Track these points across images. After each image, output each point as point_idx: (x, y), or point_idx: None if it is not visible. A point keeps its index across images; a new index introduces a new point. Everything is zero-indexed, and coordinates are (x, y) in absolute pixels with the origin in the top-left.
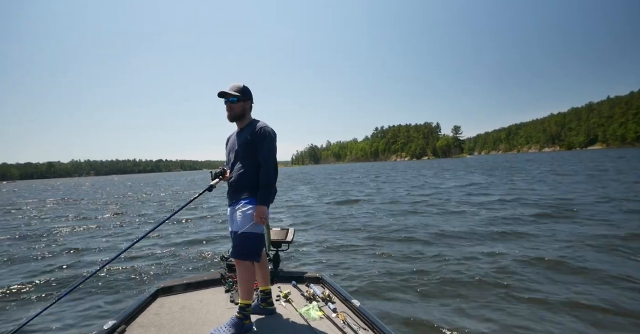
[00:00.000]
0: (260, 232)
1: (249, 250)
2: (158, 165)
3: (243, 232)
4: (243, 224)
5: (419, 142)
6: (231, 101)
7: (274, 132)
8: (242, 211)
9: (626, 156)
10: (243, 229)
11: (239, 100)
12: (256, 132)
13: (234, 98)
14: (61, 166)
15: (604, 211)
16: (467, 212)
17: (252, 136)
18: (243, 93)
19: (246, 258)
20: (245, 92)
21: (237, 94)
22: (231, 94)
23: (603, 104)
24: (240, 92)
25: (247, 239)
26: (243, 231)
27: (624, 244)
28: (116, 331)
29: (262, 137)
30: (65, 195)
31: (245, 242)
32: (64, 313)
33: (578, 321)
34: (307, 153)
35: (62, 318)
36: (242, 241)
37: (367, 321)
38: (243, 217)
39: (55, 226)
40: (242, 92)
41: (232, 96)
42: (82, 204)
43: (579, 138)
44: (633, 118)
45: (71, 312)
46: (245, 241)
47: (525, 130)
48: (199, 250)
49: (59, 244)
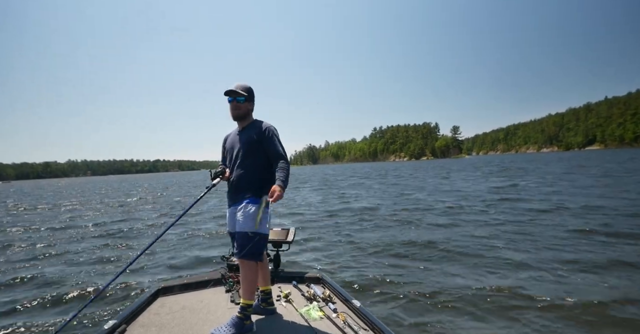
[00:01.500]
0: (263, 232)
1: (254, 250)
2: (155, 165)
3: (247, 233)
4: (247, 224)
5: (418, 142)
6: (238, 101)
7: (277, 130)
8: (245, 210)
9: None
10: (247, 230)
11: (245, 100)
12: (264, 132)
13: (241, 98)
14: (58, 166)
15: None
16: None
17: (259, 135)
18: (249, 93)
19: (251, 258)
20: (251, 92)
21: (245, 94)
22: (239, 94)
23: (601, 105)
24: (247, 92)
25: (251, 240)
26: (247, 231)
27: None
28: (117, 330)
29: (271, 136)
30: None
31: (250, 243)
32: (63, 312)
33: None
34: (305, 153)
35: (61, 316)
36: (247, 242)
37: (367, 322)
38: (246, 218)
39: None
40: (249, 93)
41: (240, 96)
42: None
43: (577, 138)
44: (631, 119)
45: (71, 312)
46: (249, 241)
47: (523, 130)
48: (199, 250)
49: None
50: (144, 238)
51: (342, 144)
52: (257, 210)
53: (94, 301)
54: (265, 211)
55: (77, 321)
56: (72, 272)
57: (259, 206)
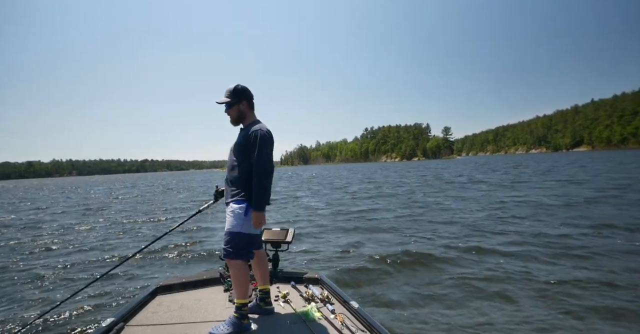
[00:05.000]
0: (247, 232)
1: (238, 249)
2: (144, 165)
3: (230, 232)
4: (230, 223)
5: (409, 143)
6: (227, 107)
7: (269, 134)
8: (231, 210)
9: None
10: (230, 229)
11: (232, 105)
12: (249, 136)
13: (227, 105)
14: (41, 165)
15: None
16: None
17: (246, 139)
18: (235, 96)
19: (235, 257)
20: (237, 93)
21: (227, 100)
22: (222, 102)
23: (588, 107)
24: (231, 96)
25: (234, 239)
26: (230, 231)
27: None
28: (115, 328)
29: (255, 141)
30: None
31: (233, 242)
32: (62, 311)
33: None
34: (296, 154)
35: (60, 315)
36: (230, 241)
37: (365, 323)
38: (231, 217)
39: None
40: (233, 96)
41: (224, 103)
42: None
43: (565, 140)
44: (618, 121)
45: (69, 310)
46: (232, 240)
47: (512, 132)
48: (198, 249)
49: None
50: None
51: (333, 144)
52: (243, 210)
53: (84, 296)
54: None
55: (76, 319)
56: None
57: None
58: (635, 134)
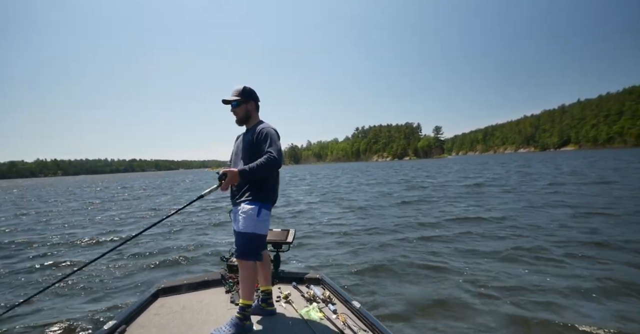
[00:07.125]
0: (260, 233)
1: (252, 250)
2: (131, 165)
3: (245, 233)
4: (244, 224)
5: (401, 142)
6: (233, 106)
7: (277, 132)
8: (243, 211)
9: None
10: (244, 230)
11: (240, 103)
12: (259, 134)
13: (235, 103)
14: (25, 165)
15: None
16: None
17: (255, 137)
18: (243, 95)
19: (249, 258)
20: (246, 93)
21: (237, 98)
22: (231, 100)
23: (574, 107)
24: (240, 95)
25: (248, 240)
26: (245, 232)
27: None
28: (117, 331)
29: (265, 137)
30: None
31: (247, 243)
32: (63, 313)
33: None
34: (287, 153)
35: (61, 317)
36: (244, 241)
37: (367, 323)
38: (244, 218)
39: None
40: (241, 95)
41: (233, 101)
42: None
43: (553, 139)
44: (604, 120)
45: (71, 312)
46: (247, 241)
47: (501, 131)
48: (199, 250)
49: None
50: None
51: (324, 143)
52: (255, 211)
53: (85, 298)
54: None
55: (78, 321)
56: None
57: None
58: (621, 133)
